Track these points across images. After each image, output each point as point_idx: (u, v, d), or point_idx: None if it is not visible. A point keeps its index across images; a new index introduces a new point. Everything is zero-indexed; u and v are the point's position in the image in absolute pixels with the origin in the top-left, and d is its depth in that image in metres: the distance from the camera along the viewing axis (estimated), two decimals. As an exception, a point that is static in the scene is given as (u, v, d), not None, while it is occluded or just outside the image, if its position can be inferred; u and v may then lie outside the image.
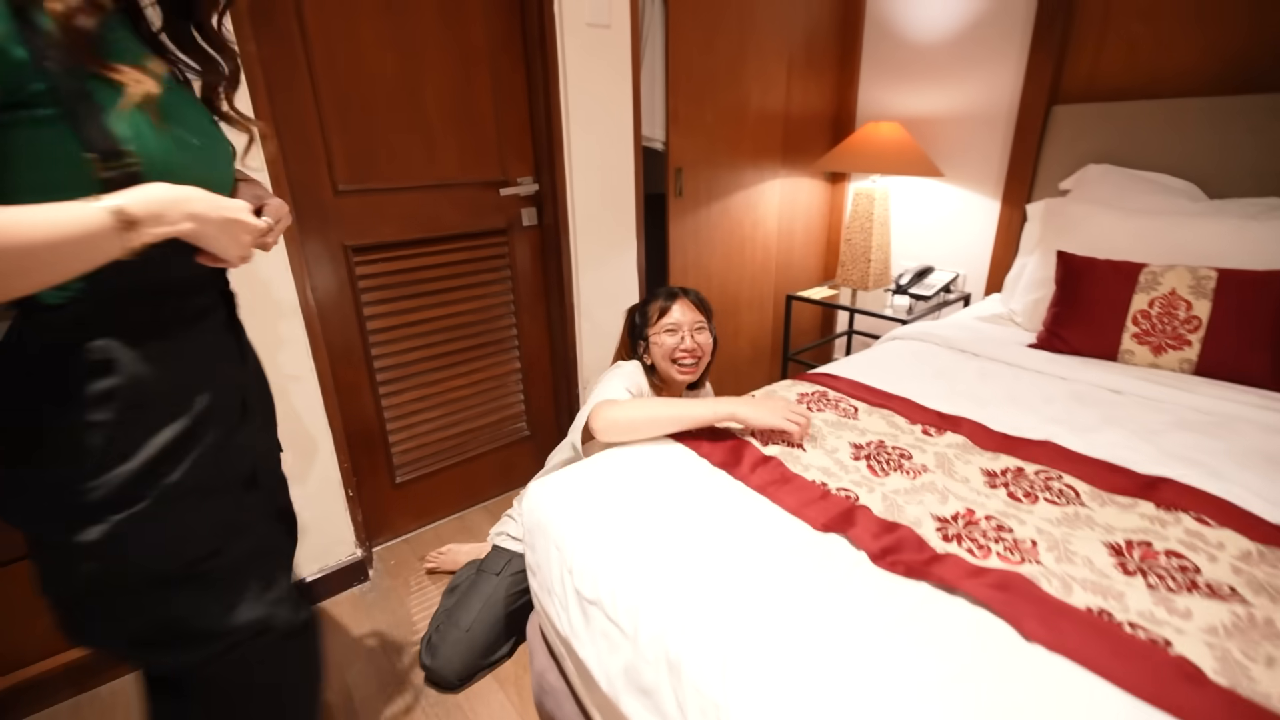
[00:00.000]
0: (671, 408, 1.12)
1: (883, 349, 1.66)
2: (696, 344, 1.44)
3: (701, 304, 1.51)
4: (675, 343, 1.43)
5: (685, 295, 1.50)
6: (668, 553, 0.85)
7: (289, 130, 1.48)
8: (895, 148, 2.26)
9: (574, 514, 0.96)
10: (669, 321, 1.45)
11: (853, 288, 2.52)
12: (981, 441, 1.10)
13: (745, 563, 0.82)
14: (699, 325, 1.46)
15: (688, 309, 1.47)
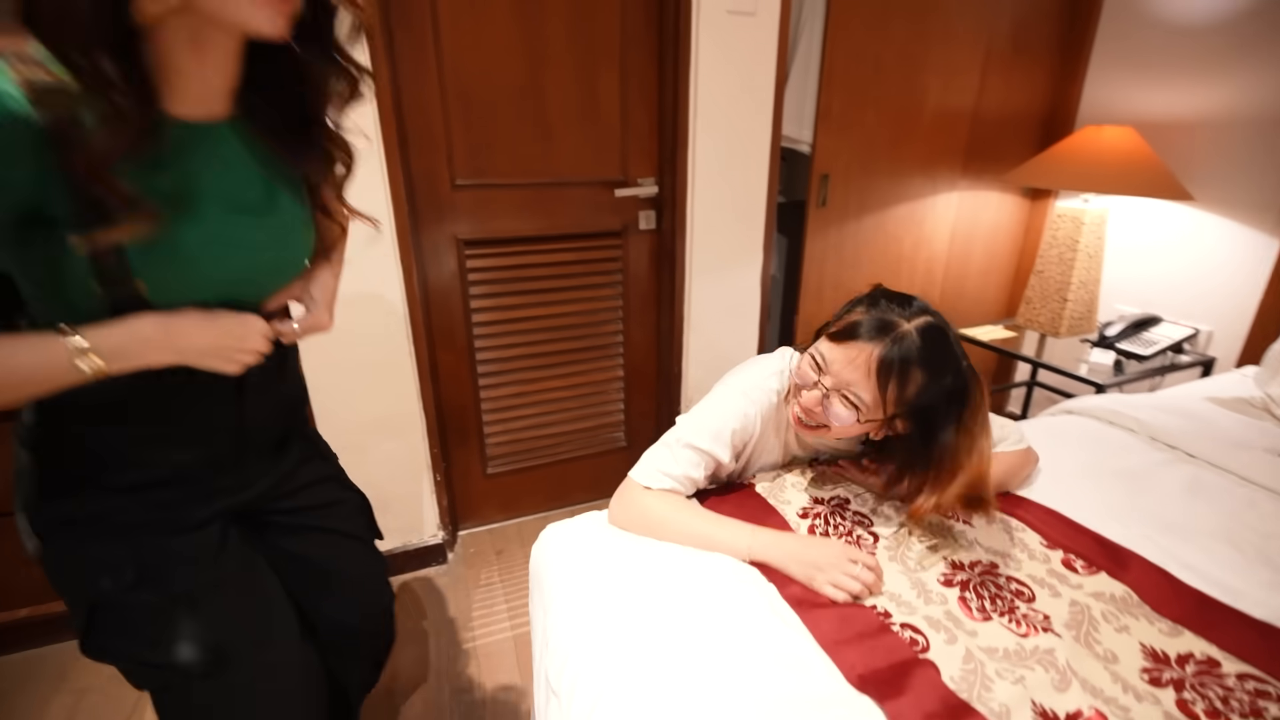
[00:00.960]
0: (701, 528, 0.87)
1: (1047, 425, 1.27)
2: (821, 410, 0.85)
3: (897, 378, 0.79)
4: (805, 380, 0.87)
5: (888, 347, 0.79)
6: (645, 662, 0.68)
7: (414, 125, 1.52)
8: (1122, 159, 1.76)
9: (569, 576, 0.84)
10: (824, 352, 0.85)
11: (1039, 332, 2.03)
12: (1158, 599, 0.76)
13: (738, 709, 0.62)
14: (848, 392, 0.82)
15: (858, 364, 0.81)
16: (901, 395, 0.80)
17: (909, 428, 0.83)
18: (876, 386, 0.80)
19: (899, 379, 0.79)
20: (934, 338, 0.80)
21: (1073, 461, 1.09)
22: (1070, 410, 1.32)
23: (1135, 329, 1.83)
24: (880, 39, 1.85)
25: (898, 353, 0.79)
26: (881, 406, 0.81)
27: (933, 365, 0.80)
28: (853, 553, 0.80)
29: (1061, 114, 2.18)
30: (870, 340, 0.80)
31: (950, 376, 0.80)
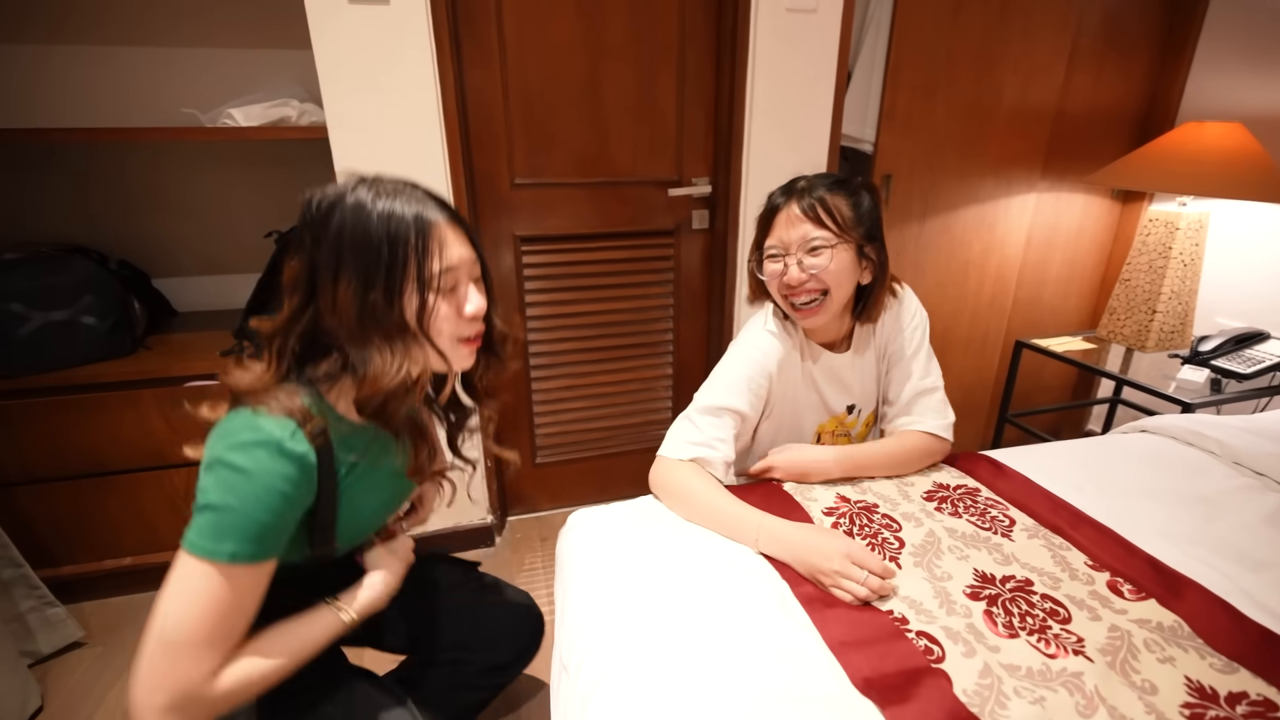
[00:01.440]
0: (717, 508, 0.90)
1: (1118, 441, 1.18)
2: (806, 273, 0.93)
3: (824, 202, 0.92)
4: (777, 272, 0.96)
5: (800, 196, 0.94)
6: (651, 646, 0.70)
7: (477, 125, 1.60)
8: (1227, 159, 1.60)
9: (590, 561, 0.86)
10: (770, 242, 0.97)
11: (1124, 345, 1.88)
12: (1213, 632, 0.69)
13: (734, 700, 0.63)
14: (813, 243, 0.92)
15: (794, 220, 0.93)
16: (843, 217, 0.93)
17: (874, 249, 0.96)
18: (816, 224, 0.93)
19: (824, 206, 0.93)
20: (826, 175, 0.97)
21: (1139, 481, 1.01)
22: (1145, 428, 1.22)
23: (1236, 345, 1.66)
24: (952, 33, 1.77)
25: (810, 191, 0.94)
26: (839, 232, 0.93)
27: (842, 185, 0.94)
28: (860, 555, 0.77)
29: (1160, 110, 2.01)
30: (787, 204, 0.95)
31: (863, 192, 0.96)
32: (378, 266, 0.61)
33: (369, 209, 0.62)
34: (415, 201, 0.64)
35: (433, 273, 0.63)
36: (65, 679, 1.41)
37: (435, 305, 0.64)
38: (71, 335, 1.45)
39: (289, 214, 1.72)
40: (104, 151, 1.69)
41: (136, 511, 1.57)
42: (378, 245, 0.61)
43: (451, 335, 0.67)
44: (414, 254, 0.62)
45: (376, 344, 0.63)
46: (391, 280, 0.61)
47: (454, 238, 0.66)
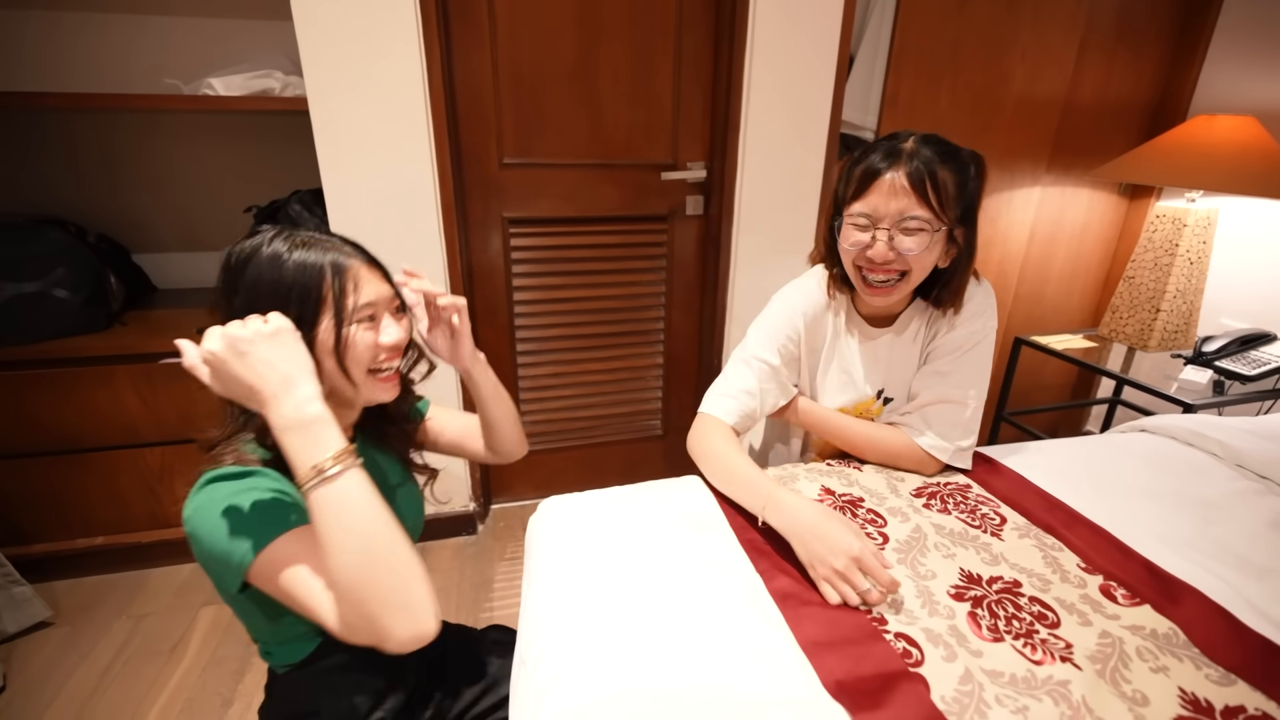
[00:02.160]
0: (736, 473, 0.87)
1: (1116, 441, 1.14)
2: (895, 252, 0.83)
3: (934, 175, 0.80)
4: (862, 243, 0.85)
5: (909, 160, 0.81)
6: (613, 641, 0.66)
7: (465, 102, 1.55)
8: (1238, 153, 1.55)
9: (557, 550, 0.82)
10: (861, 208, 0.84)
11: (1125, 344, 1.84)
12: (1211, 642, 0.65)
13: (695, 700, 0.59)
14: (909, 221, 0.81)
15: (898, 192, 0.81)
16: (947, 196, 0.82)
17: (964, 232, 0.86)
18: (920, 200, 0.81)
19: (934, 181, 0.81)
20: (935, 141, 0.84)
21: (1138, 481, 0.97)
22: (1145, 428, 1.18)
23: (1241, 346, 1.61)
24: (959, 20, 1.72)
25: (921, 161, 0.81)
26: (940, 215, 0.82)
27: (952, 159, 0.83)
28: (870, 562, 0.71)
29: (1172, 104, 1.95)
30: (889, 169, 0.82)
31: (970, 164, 0.84)
32: (289, 301, 0.61)
33: (283, 258, 0.63)
34: (330, 249, 0.65)
35: (350, 307, 0.64)
36: (30, 658, 1.38)
37: (351, 336, 0.65)
38: (43, 308, 1.41)
39: (272, 190, 1.68)
40: (83, 122, 1.65)
41: (110, 490, 1.54)
42: (289, 288, 0.62)
43: (367, 365, 0.67)
44: (330, 292, 0.63)
45: None
46: (303, 314, 0.62)
47: (370, 276, 0.67)
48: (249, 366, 0.55)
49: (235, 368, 0.55)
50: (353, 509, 0.57)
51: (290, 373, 0.56)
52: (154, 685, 1.32)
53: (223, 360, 0.55)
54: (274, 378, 0.56)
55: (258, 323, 0.56)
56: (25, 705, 1.27)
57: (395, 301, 0.71)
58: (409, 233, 1.51)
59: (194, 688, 1.32)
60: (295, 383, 0.56)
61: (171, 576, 1.64)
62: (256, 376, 0.55)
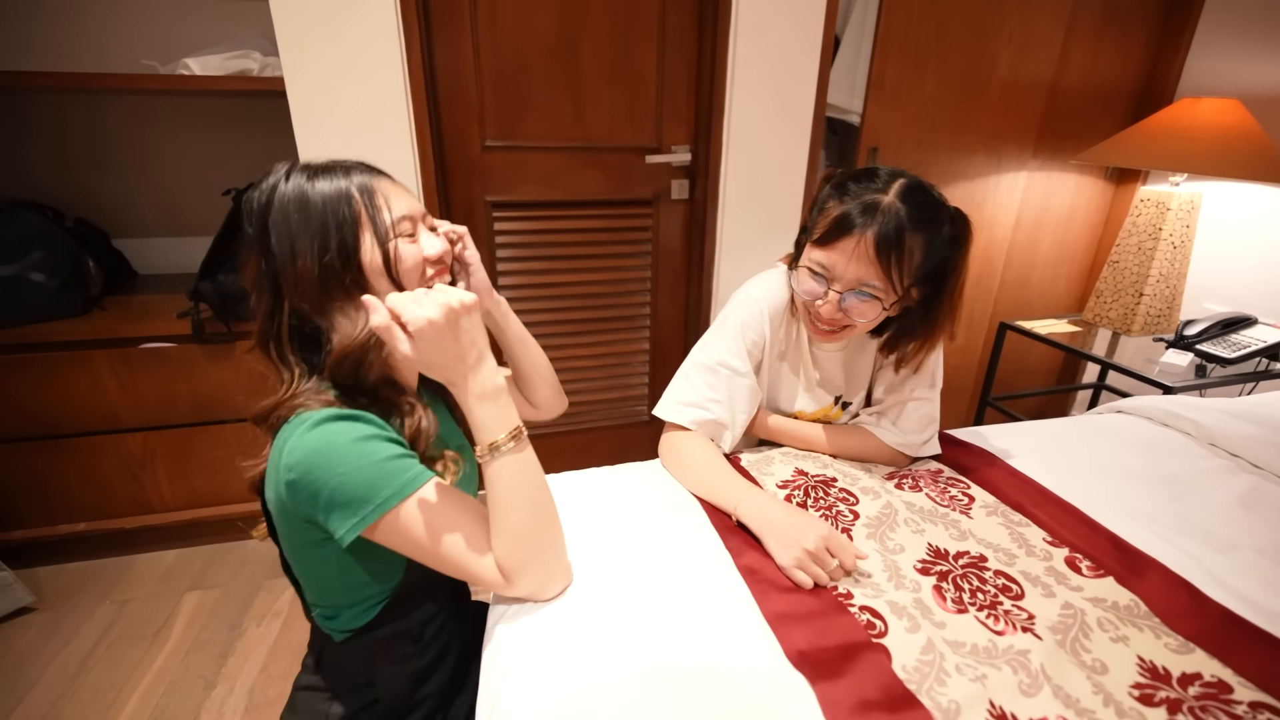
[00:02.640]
0: (710, 476, 0.87)
1: (1090, 423, 1.14)
2: (842, 313, 0.81)
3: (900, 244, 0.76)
4: (814, 294, 0.83)
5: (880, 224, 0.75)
6: (577, 614, 0.66)
7: (445, 83, 1.54)
8: (1221, 136, 1.55)
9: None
10: (820, 259, 0.81)
11: (1109, 329, 1.85)
12: (1172, 612, 0.66)
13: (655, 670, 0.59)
14: (864, 288, 0.79)
15: (860, 258, 0.77)
16: (910, 265, 0.78)
17: (922, 292, 0.82)
18: (880, 271, 0.77)
19: (899, 252, 0.76)
20: (916, 198, 0.78)
21: (1109, 460, 0.98)
22: (1121, 409, 1.19)
23: (1223, 330, 1.62)
24: (946, 2, 1.71)
25: (892, 228, 0.76)
26: (897, 285, 0.79)
27: (927, 224, 0.77)
28: (837, 540, 0.73)
29: (1158, 88, 1.95)
30: (860, 228, 0.77)
31: (945, 225, 0.79)
32: (328, 232, 0.60)
33: (306, 188, 0.61)
34: (351, 170, 0.64)
35: (388, 222, 0.62)
36: (12, 644, 1.37)
37: (399, 250, 0.63)
38: (17, 292, 1.40)
39: (253, 173, 1.67)
40: (65, 107, 1.62)
41: (90, 476, 1.53)
42: (322, 214, 0.60)
43: (419, 282, 0.65)
44: (364, 210, 0.62)
45: (339, 307, 0.63)
46: (344, 239, 0.60)
47: (396, 190, 0.66)
48: (457, 337, 0.56)
49: (447, 338, 0.56)
50: (534, 471, 0.62)
51: (483, 344, 0.59)
52: (137, 669, 1.32)
53: (440, 330, 0.55)
54: (473, 350, 0.58)
55: (458, 292, 0.57)
56: (7, 689, 1.27)
57: (426, 214, 0.69)
58: (390, 216, 1.49)
59: (177, 671, 1.32)
60: (486, 353, 0.59)
61: (155, 563, 1.63)
62: (461, 348, 0.57)
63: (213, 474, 1.61)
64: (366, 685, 0.71)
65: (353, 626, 0.68)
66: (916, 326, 0.85)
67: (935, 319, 0.83)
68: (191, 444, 1.57)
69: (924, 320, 0.84)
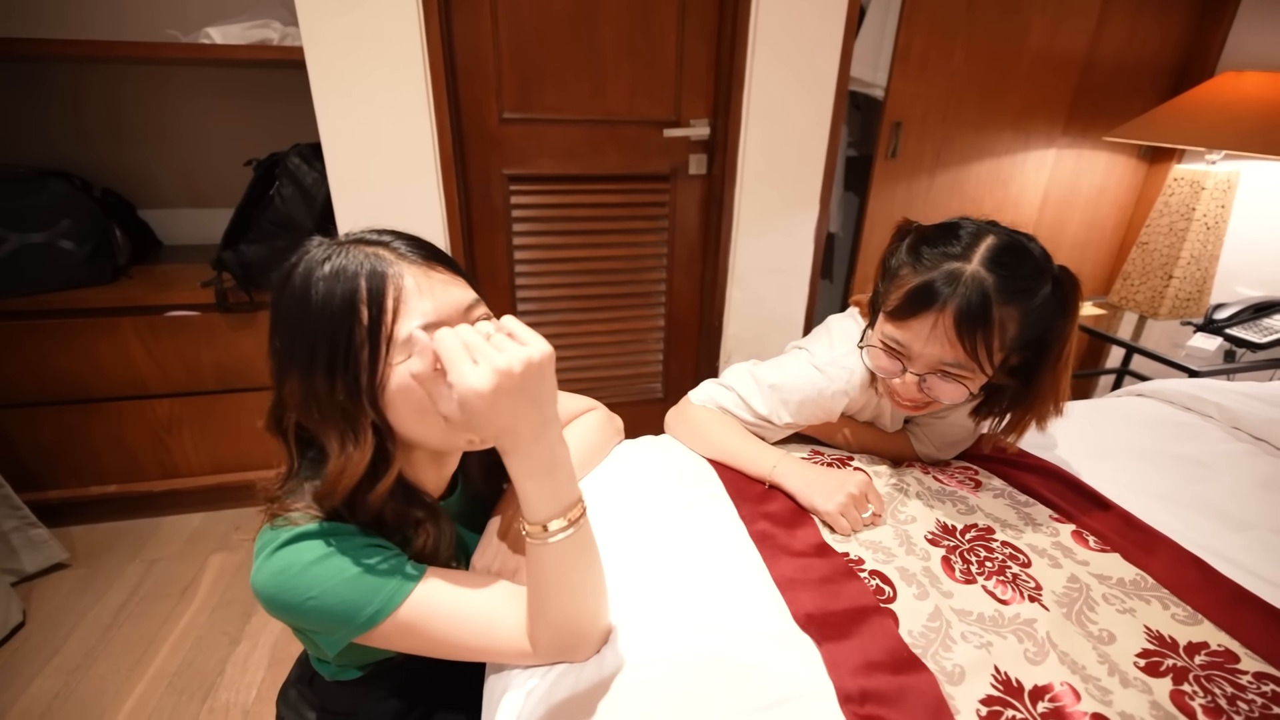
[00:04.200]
0: (737, 443, 0.85)
1: (1108, 405, 1.13)
2: (923, 394, 0.73)
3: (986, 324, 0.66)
4: (888, 370, 0.74)
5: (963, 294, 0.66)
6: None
7: (463, 54, 1.53)
8: (1264, 112, 1.50)
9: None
10: (895, 334, 0.72)
11: (1136, 312, 1.80)
12: (1181, 586, 0.65)
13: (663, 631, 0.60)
14: (949, 369, 0.70)
15: (938, 339, 0.68)
16: (1001, 342, 0.67)
17: (1023, 358, 0.72)
18: (965, 352, 0.66)
19: (985, 330, 0.65)
20: (1007, 260, 0.66)
21: (1127, 441, 0.96)
22: (1142, 393, 1.16)
23: (1254, 314, 1.57)
24: (976, -30, 1.65)
25: (976, 303, 0.64)
26: (985, 366, 0.68)
27: (1021, 292, 0.66)
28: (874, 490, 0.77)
29: (1199, 61, 1.88)
30: (938, 305, 0.66)
31: (1048, 286, 0.68)
32: (317, 346, 0.49)
33: (316, 272, 0.50)
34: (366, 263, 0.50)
35: (388, 338, 0.49)
36: (48, 598, 1.44)
37: (394, 376, 0.50)
38: (49, 259, 1.43)
39: (277, 146, 1.68)
40: (89, 76, 1.65)
41: (118, 440, 1.58)
42: (316, 320, 0.49)
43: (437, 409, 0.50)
44: (365, 312, 0.49)
45: (331, 436, 0.51)
46: (334, 359, 0.49)
47: (425, 285, 0.51)
48: (514, 408, 0.45)
49: (500, 409, 0.44)
50: (588, 552, 0.52)
51: (547, 411, 0.47)
52: (165, 624, 1.38)
53: (490, 403, 0.44)
54: (537, 416, 0.46)
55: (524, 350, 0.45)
56: (44, 639, 1.33)
57: (479, 308, 0.55)
58: (408, 187, 1.50)
59: (203, 627, 1.38)
60: (549, 423, 0.47)
61: (183, 525, 1.69)
62: (515, 420, 0.45)
63: (236, 440, 1.65)
64: (351, 715, 0.70)
65: (340, 679, 0.66)
66: (1014, 397, 0.76)
67: (1036, 389, 0.73)
68: (215, 411, 1.61)
69: (1023, 391, 0.74)
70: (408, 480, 0.57)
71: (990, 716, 0.52)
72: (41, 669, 1.26)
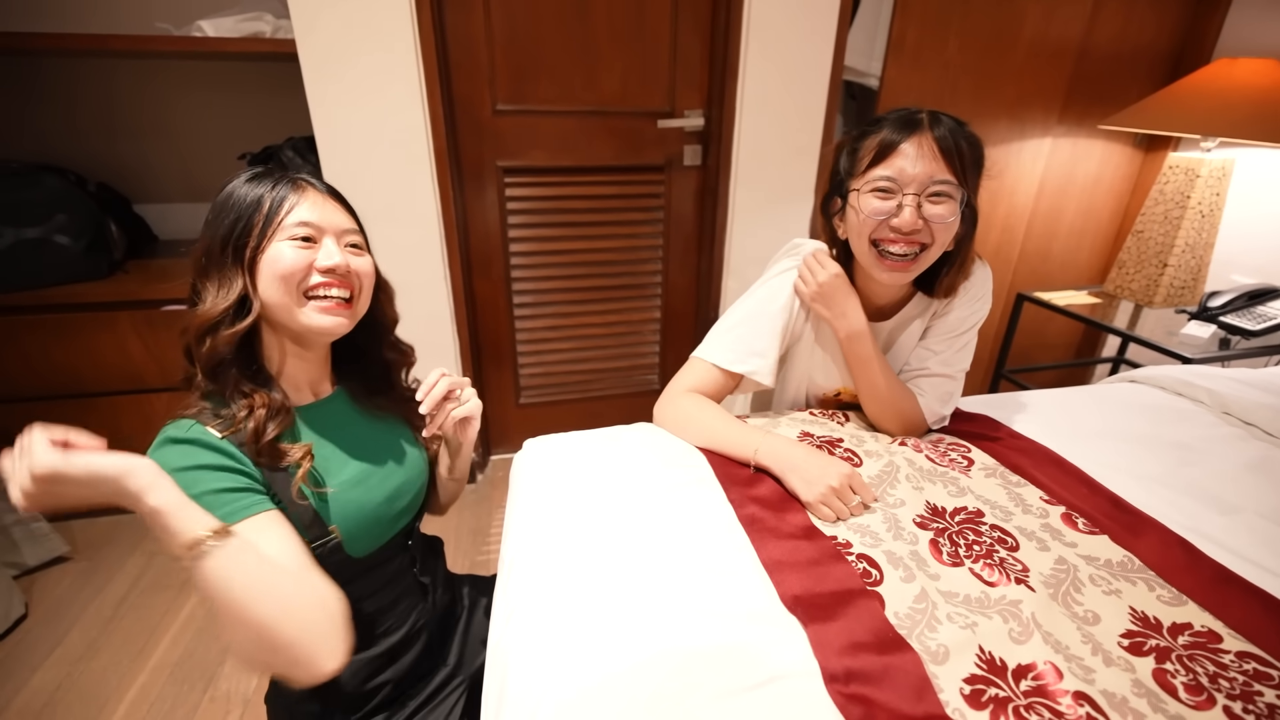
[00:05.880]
0: (720, 427, 0.87)
1: (1100, 392, 1.13)
2: (922, 221, 0.77)
3: (958, 139, 0.77)
4: (883, 210, 0.79)
5: (932, 126, 0.76)
6: (583, 562, 0.68)
7: (456, 46, 1.52)
8: (1258, 99, 1.49)
9: (536, 483, 0.85)
10: (884, 173, 0.78)
11: (1131, 300, 1.81)
12: (1167, 567, 0.66)
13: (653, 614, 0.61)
14: (939, 188, 0.76)
15: (926, 156, 0.76)
16: (968, 163, 0.78)
17: (971, 210, 0.81)
18: (949, 166, 0.76)
19: (958, 146, 0.76)
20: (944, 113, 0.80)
21: (1117, 426, 0.97)
22: (1134, 379, 1.17)
23: (1249, 301, 1.58)
24: (970, -44, 1.65)
25: (946, 128, 0.77)
26: (963, 182, 0.78)
27: (960, 123, 0.79)
28: (859, 480, 0.78)
29: (1194, 49, 1.87)
30: (914, 133, 0.77)
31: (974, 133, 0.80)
32: (224, 220, 0.62)
33: (236, 190, 0.64)
34: (284, 181, 0.65)
35: (280, 221, 0.63)
36: (50, 590, 1.45)
37: (272, 248, 0.63)
38: (45, 254, 1.44)
39: (271, 140, 1.68)
40: (82, 70, 1.64)
41: (117, 434, 1.55)
42: (230, 213, 0.63)
43: (295, 285, 0.63)
44: (269, 205, 0.63)
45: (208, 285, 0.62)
46: (234, 227, 0.62)
47: (321, 201, 0.66)
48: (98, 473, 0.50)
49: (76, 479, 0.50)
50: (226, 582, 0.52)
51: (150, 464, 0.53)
52: (166, 615, 1.39)
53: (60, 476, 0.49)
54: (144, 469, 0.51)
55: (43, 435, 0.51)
56: (46, 631, 1.34)
57: (352, 236, 0.67)
58: (402, 179, 1.50)
59: (204, 618, 1.39)
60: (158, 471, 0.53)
61: (182, 517, 1.70)
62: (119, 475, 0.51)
63: (234, 434, 1.66)
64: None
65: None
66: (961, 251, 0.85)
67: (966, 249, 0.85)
68: (213, 404, 1.61)
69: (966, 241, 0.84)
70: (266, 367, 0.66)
71: (973, 695, 0.53)
72: (44, 660, 1.27)
